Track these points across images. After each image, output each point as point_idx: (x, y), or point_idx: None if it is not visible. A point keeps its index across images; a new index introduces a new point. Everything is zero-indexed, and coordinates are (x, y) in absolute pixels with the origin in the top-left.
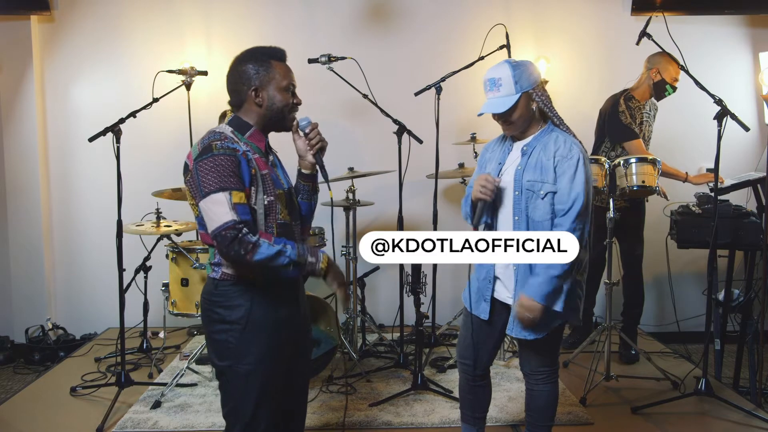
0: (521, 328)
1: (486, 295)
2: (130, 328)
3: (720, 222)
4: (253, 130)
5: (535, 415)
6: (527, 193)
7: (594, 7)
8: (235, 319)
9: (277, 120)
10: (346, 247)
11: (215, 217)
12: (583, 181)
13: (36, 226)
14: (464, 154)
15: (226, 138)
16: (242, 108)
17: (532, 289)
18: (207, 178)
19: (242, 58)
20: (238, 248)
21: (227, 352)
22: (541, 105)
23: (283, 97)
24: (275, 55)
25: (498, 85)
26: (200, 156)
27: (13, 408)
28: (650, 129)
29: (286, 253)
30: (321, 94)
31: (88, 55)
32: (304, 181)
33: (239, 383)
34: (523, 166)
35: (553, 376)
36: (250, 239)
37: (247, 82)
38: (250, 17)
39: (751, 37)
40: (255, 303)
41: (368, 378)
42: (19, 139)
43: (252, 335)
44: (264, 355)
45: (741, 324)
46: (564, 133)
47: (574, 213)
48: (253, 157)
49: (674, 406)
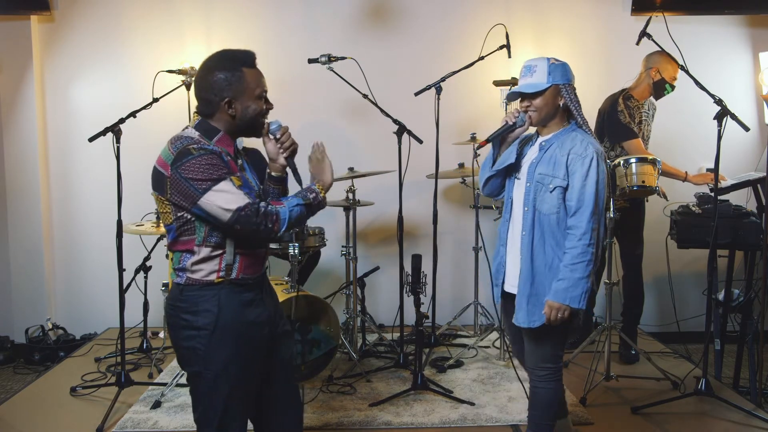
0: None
1: (498, 281)
2: (130, 328)
3: (720, 222)
4: (221, 135)
5: (537, 413)
6: (537, 186)
7: (594, 7)
8: (202, 324)
9: (249, 127)
10: (346, 247)
11: (226, 204)
12: (595, 181)
13: (36, 226)
14: (464, 154)
15: (199, 142)
16: (213, 117)
17: (561, 294)
18: (198, 176)
19: (212, 66)
20: (265, 221)
21: (195, 358)
22: (568, 102)
23: (257, 105)
24: (246, 62)
25: (532, 72)
26: (178, 161)
27: (13, 408)
28: (649, 128)
29: (296, 204)
30: (321, 94)
31: (88, 55)
32: (274, 184)
33: (207, 388)
34: (538, 160)
35: (556, 374)
36: (271, 210)
37: (219, 93)
38: (250, 17)
39: (751, 37)
40: (223, 307)
41: (368, 378)
42: (19, 139)
43: (220, 340)
44: (232, 360)
45: (741, 324)
46: (584, 133)
47: (587, 211)
48: (227, 159)
49: (674, 406)
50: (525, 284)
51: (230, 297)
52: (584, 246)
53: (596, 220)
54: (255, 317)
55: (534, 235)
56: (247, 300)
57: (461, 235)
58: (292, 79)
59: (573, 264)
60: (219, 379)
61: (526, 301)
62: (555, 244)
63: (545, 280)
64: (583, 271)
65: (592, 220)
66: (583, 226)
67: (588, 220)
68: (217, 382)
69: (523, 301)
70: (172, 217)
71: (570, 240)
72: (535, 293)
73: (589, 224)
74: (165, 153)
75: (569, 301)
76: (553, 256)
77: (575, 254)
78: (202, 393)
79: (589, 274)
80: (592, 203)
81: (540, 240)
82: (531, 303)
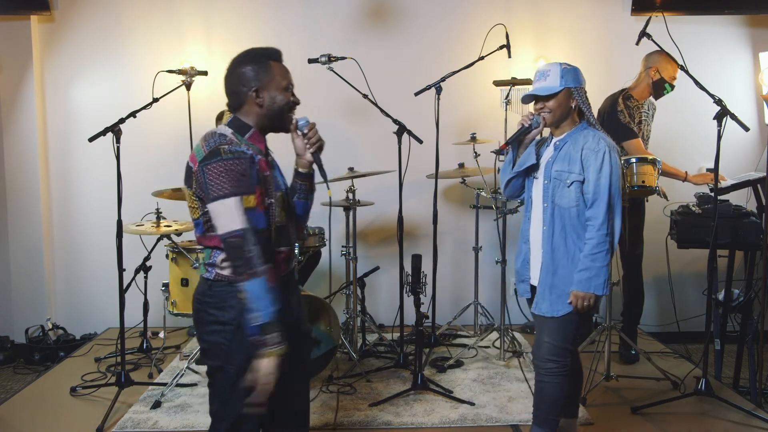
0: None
1: (523, 276)
2: (130, 328)
3: (720, 222)
4: (252, 132)
5: (544, 407)
6: (555, 182)
7: (594, 7)
8: (228, 319)
9: (277, 120)
10: (346, 247)
11: (223, 223)
12: (609, 173)
13: (36, 226)
14: (464, 154)
15: (232, 142)
16: (242, 110)
17: (585, 284)
18: (216, 182)
19: (240, 61)
20: (241, 263)
21: (219, 353)
22: (580, 104)
23: (284, 97)
24: (273, 56)
25: (546, 77)
26: (207, 159)
27: (13, 408)
28: (649, 128)
29: (266, 310)
30: (321, 94)
31: (88, 55)
32: (301, 180)
33: (227, 383)
34: (554, 158)
35: (563, 369)
36: (256, 266)
37: (247, 83)
38: (250, 17)
39: (751, 37)
40: None
41: (368, 378)
42: (19, 139)
43: (244, 336)
44: (254, 357)
45: (741, 324)
46: (595, 131)
47: (603, 203)
48: (258, 159)
49: (674, 406)
50: (547, 275)
51: None
52: (602, 236)
53: (613, 209)
54: (280, 318)
55: (555, 229)
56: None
57: (461, 235)
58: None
59: (593, 254)
60: (239, 376)
61: (549, 291)
62: (576, 237)
63: (568, 272)
64: (603, 260)
65: (608, 210)
66: (601, 217)
67: (605, 211)
68: (238, 378)
69: (546, 291)
70: (199, 212)
71: (589, 231)
72: (559, 284)
73: (606, 215)
74: (197, 149)
75: (593, 289)
76: (574, 248)
77: (594, 244)
78: (221, 387)
79: (608, 262)
80: (607, 194)
81: (561, 233)
82: (554, 293)
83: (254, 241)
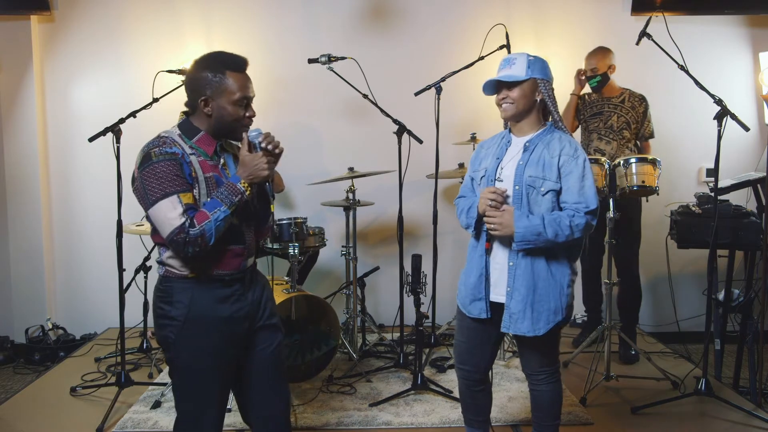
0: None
1: (480, 294)
2: (130, 328)
3: (720, 222)
4: (201, 135)
5: (541, 414)
6: (528, 189)
7: (594, 7)
8: (174, 315)
9: (225, 132)
10: (346, 247)
11: (164, 226)
12: (592, 180)
13: (36, 226)
14: (464, 154)
15: (165, 143)
16: (195, 113)
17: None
18: (151, 186)
19: (199, 64)
20: (193, 248)
21: (168, 346)
22: (545, 98)
23: (234, 111)
24: (233, 65)
25: (511, 64)
26: (141, 165)
27: (13, 408)
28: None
29: (220, 216)
30: (321, 95)
31: (88, 55)
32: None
33: (177, 377)
34: (525, 161)
35: (554, 375)
36: (195, 234)
37: (200, 90)
38: (250, 17)
39: (751, 37)
40: (195, 301)
41: (368, 378)
42: (19, 139)
43: (190, 332)
44: (201, 352)
45: (741, 324)
46: (566, 134)
47: (591, 207)
48: (196, 159)
49: (674, 406)
50: (528, 292)
51: (203, 292)
52: (588, 222)
53: (594, 216)
54: (231, 313)
55: None
56: (223, 296)
57: (461, 235)
58: (292, 79)
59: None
60: (188, 371)
61: (530, 309)
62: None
63: (548, 285)
64: (566, 235)
65: (590, 215)
66: (582, 219)
67: (591, 215)
68: (186, 373)
69: (526, 309)
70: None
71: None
72: (539, 300)
73: (587, 217)
74: (138, 152)
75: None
76: (554, 259)
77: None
78: (174, 380)
79: (563, 242)
80: (593, 199)
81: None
82: (535, 310)
83: (189, 229)
